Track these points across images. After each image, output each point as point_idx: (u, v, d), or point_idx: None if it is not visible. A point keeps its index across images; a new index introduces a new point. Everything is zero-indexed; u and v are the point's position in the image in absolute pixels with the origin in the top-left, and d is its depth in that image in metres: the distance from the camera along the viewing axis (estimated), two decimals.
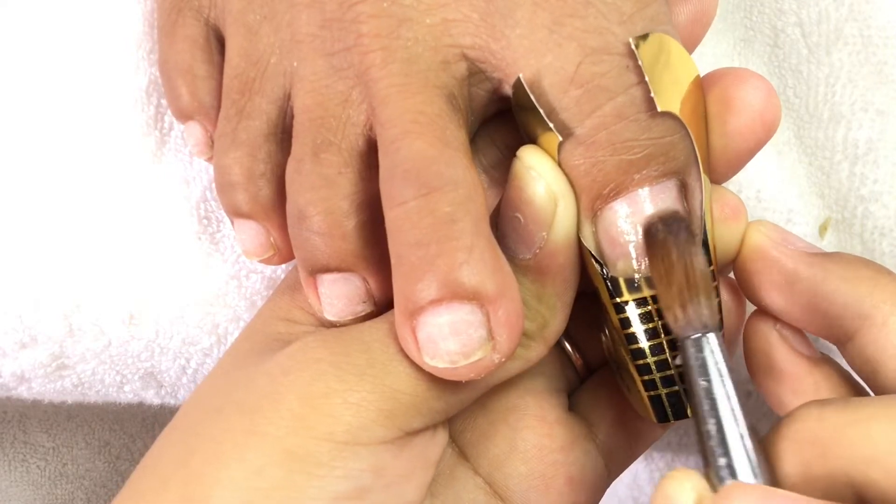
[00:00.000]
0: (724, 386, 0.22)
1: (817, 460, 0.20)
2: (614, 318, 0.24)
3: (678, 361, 0.23)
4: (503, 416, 0.27)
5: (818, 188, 0.32)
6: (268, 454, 0.22)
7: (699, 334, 0.23)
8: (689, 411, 0.24)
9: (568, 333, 0.27)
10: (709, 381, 0.22)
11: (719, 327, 0.24)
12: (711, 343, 0.23)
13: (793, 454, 0.21)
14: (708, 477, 0.21)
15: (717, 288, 0.24)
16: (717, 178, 0.25)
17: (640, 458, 0.30)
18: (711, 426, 0.22)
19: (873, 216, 0.32)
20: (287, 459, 0.22)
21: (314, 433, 0.22)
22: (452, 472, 0.27)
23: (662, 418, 0.25)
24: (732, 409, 0.22)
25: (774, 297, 0.24)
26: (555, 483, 0.26)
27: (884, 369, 0.23)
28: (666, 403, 0.24)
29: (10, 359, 0.31)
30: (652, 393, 0.24)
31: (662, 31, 0.23)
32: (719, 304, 0.24)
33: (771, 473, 0.21)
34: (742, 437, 0.22)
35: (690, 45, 0.26)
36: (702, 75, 0.24)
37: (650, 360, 0.24)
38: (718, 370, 0.22)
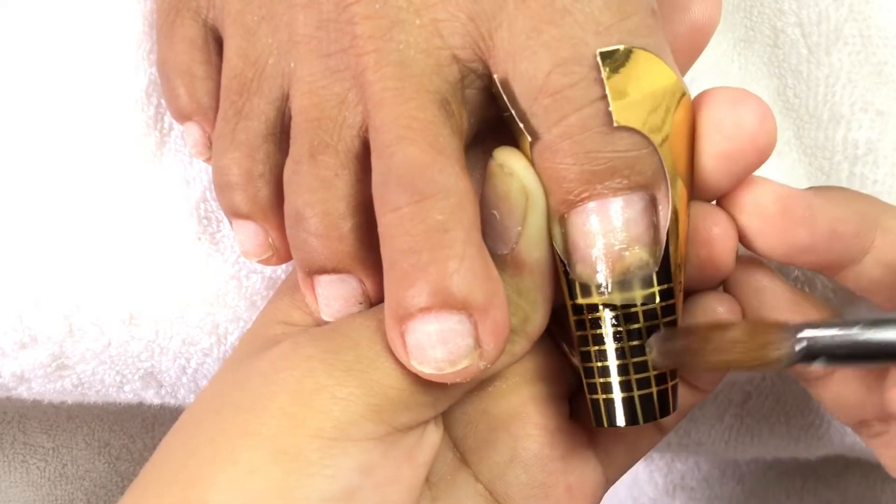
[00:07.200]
0: None
1: None
2: (570, 318, 0.25)
3: (618, 371, 0.24)
4: (505, 423, 0.27)
5: None
6: (261, 455, 0.22)
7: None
8: (618, 420, 0.24)
9: (568, 337, 0.28)
10: None
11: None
12: None
13: None
14: None
15: (675, 321, 0.24)
16: (707, 198, 0.25)
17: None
18: None
19: None
20: (280, 459, 0.22)
21: (304, 430, 0.22)
22: (454, 479, 0.27)
23: (598, 422, 0.25)
24: None
25: (801, 234, 0.24)
26: (554, 492, 0.26)
27: None
28: (602, 409, 0.24)
29: (10, 359, 0.31)
30: (593, 396, 0.25)
31: (641, 45, 0.22)
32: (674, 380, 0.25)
33: None
34: None
35: (691, 54, 0.26)
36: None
37: (594, 364, 0.24)
38: None
